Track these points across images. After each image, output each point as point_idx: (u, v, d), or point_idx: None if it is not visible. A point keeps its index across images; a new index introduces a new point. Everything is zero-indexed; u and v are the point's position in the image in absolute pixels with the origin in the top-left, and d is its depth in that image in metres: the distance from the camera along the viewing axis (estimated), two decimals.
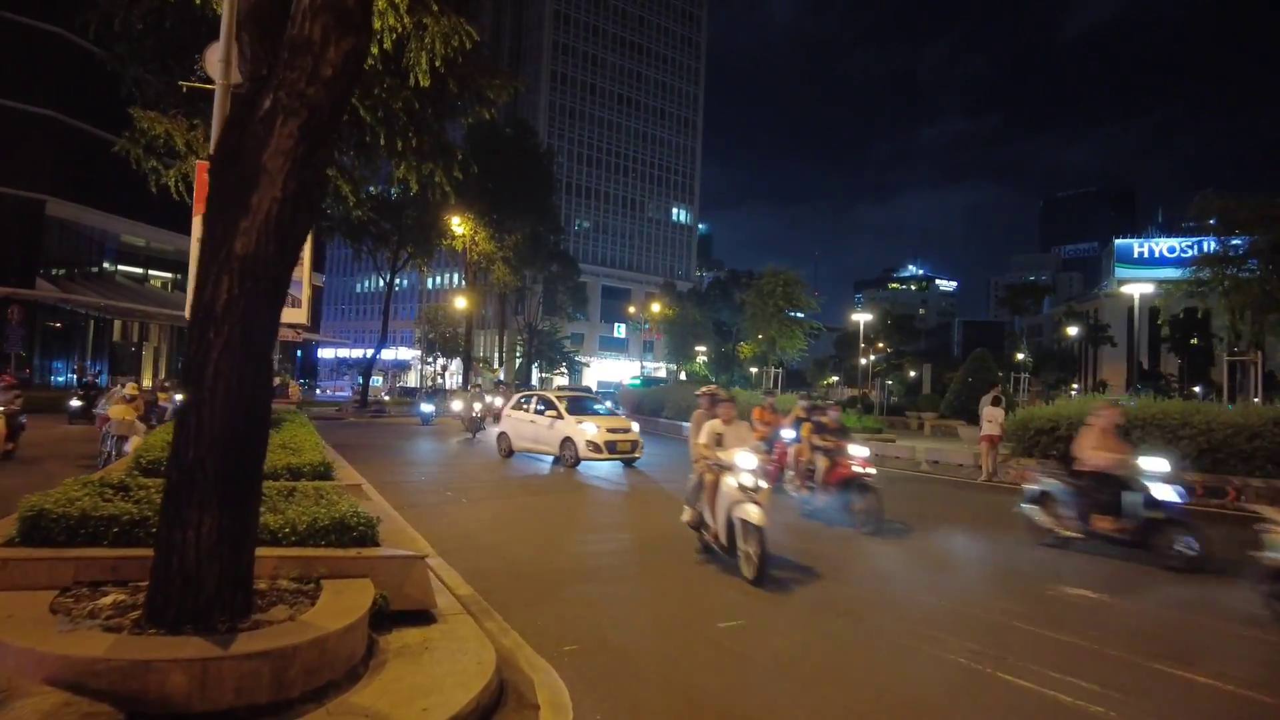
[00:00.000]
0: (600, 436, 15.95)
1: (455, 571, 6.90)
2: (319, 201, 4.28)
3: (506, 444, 17.97)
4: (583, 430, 16.02)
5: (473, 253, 43.56)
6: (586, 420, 16.42)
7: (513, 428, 17.82)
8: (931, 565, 7.96)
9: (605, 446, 15.92)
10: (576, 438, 15.98)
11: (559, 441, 16.37)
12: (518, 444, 17.68)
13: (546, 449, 16.80)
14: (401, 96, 18.53)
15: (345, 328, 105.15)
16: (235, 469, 3.92)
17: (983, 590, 7.04)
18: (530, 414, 17.54)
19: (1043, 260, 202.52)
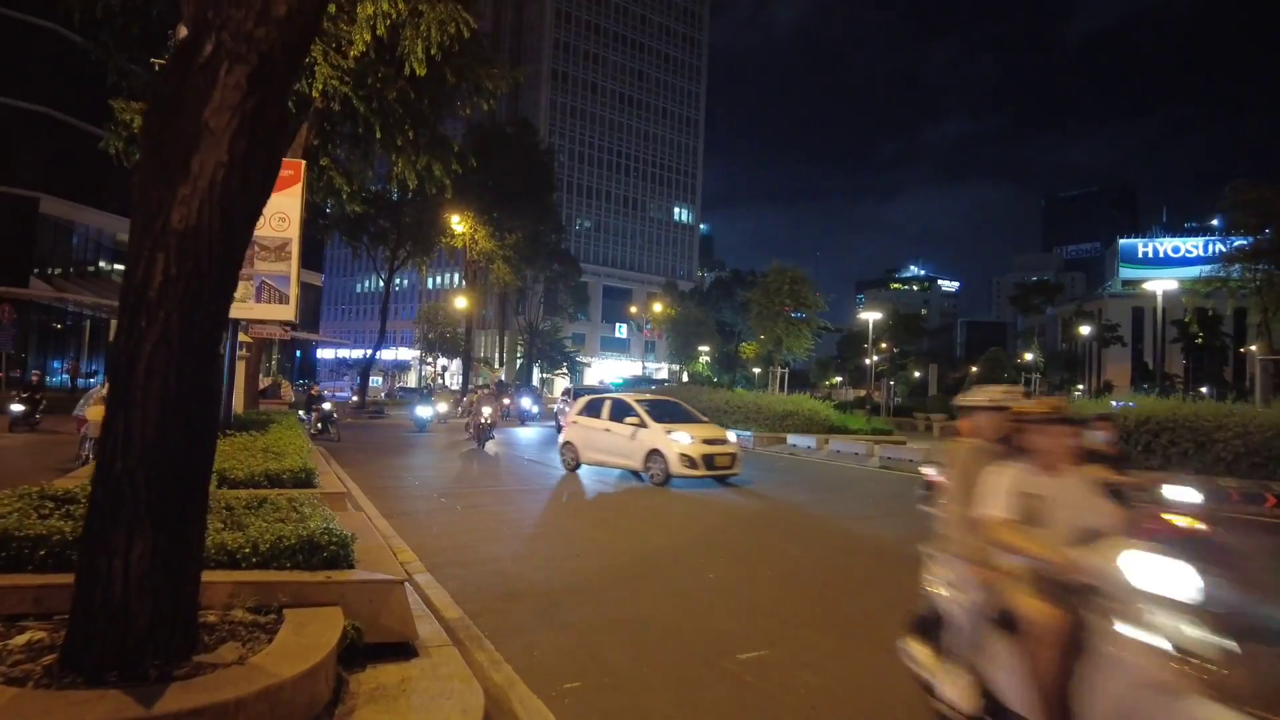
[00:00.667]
0: (696, 449, 13.52)
1: (444, 591, 6.28)
2: (274, 168, 3.66)
3: (572, 456, 15.53)
4: (675, 441, 13.62)
5: (472, 251, 42.99)
6: (678, 429, 13.94)
7: (582, 437, 15.42)
8: None
9: (702, 461, 13.45)
10: (667, 450, 13.56)
11: (643, 454, 13.98)
12: (588, 455, 15.25)
13: (625, 462, 14.47)
14: (397, 87, 17.97)
15: (345, 328, 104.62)
16: (173, 483, 3.30)
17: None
18: (603, 421, 15.09)
19: (1045, 260, 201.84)
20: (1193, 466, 12.36)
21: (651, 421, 14.21)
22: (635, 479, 14.45)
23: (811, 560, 8.36)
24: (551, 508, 11.73)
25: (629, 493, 13.19)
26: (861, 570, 7.99)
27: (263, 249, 12.64)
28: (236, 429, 12.30)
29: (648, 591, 6.59)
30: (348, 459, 16.18)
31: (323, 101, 17.20)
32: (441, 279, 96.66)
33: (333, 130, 19.19)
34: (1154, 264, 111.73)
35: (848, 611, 6.27)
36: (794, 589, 7.01)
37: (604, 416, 15.16)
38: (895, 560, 7.78)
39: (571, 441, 15.61)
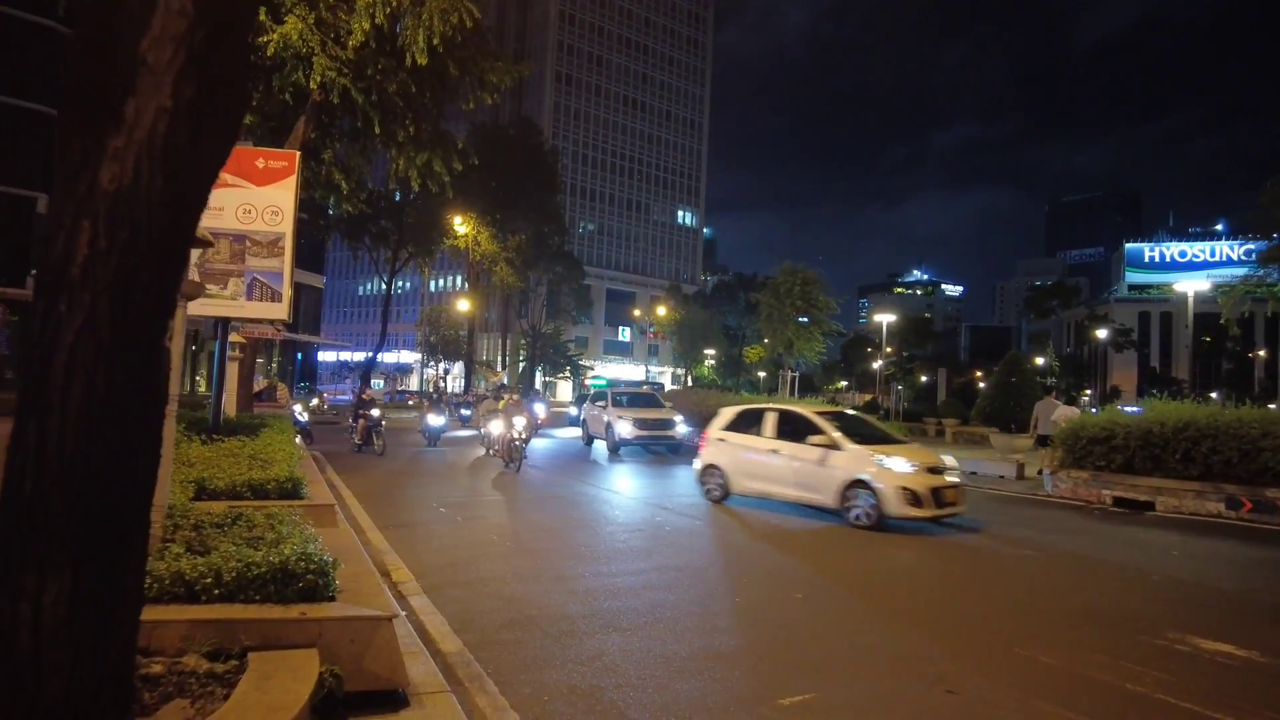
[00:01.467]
0: (920, 480, 9.84)
1: (442, 617, 5.62)
2: (234, 119, 3.00)
3: (718, 484, 11.98)
4: (890, 469, 9.96)
5: (475, 253, 42.36)
6: (893, 454, 10.32)
7: (733, 459, 11.89)
8: None
9: (930, 497, 9.75)
10: (880, 481, 9.88)
11: (839, 486, 10.22)
12: (744, 484, 11.70)
13: (808, 496, 10.73)
14: (397, 79, 17.36)
15: (347, 330, 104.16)
16: (101, 507, 2.64)
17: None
18: (767, 439, 11.49)
19: (1049, 265, 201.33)
20: (1237, 476, 11.69)
21: (849, 441, 10.63)
22: (816, 516, 10.77)
23: None
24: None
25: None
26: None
27: (255, 244, 12.06)
28: (226, 433, 11.67)
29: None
30: (352, 481, 15.55)
31: (321, 94, 16.61)
32: (444, 282, 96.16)
33: (332, 124, 18.58)
34: (1161, 268, 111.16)
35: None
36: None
37: (768, 433, 11.56)
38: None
39: (717, 466, 12.04)
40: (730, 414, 12.83)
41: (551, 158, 52.34)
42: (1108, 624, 6.07)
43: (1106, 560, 8.69)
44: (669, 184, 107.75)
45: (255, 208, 11.97)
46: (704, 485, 12.33)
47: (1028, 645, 5.36)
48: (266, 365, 43.85)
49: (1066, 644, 5.47)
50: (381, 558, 7.47)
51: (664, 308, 73.29)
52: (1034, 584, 7.60)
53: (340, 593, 4.02)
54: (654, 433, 20.35)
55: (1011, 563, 8.63)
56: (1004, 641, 5.49)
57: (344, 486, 12.13)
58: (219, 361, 11.72)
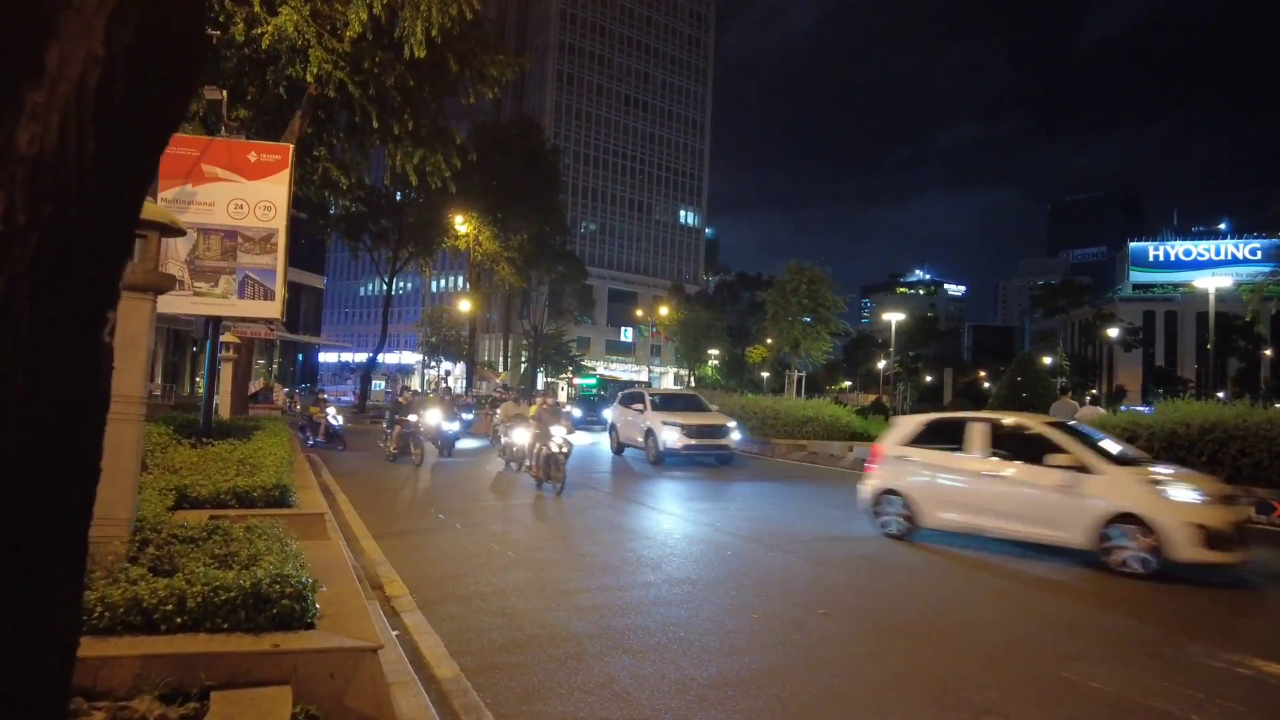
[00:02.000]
0: (1217, 514, 7.50)
1: (437, 637, 5.19)
2: (188, 74, 2.55)
3: (901, 513, 9.44)
4: (1174, 501, 7.66)
5: (476, 253, 41.95)
6: (1178, 481, 7.97)
7: (926, 485, 9.37)
8: None
9: (1232, 534, 7.49)
10: (1163, 516, 7.54)
11: (1094, 521, 7.87)
12: (938, 515, 9.18)
13: (1047, 533, 8.33)
14: (395, 72, 16.94)
15: (348, 331, 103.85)
16: (23, 532, 2.22)
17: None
18: (978, 459, 8.99)
19: (1051, 265, 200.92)
20: (1268, 479, 11.26)
21: (1105, 462, 8.20)
22: (1048, 556, 8.41)
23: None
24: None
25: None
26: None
27: (247, 240, 11.63)
28: (219, 437, 11.27)
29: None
30: (339, 466, 15.11)
31: (317, 88, 16.20)
32: (445, 282, 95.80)
33: (328, 119, 18.16)
34: (1165, 267, 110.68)
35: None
36: None
37: (977, 450, 9.03)
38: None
39: (899, 491, 9.51)
40: (914, 425, 10.19)
41: (553, 156, 51.87)
42: (1155, 644, 5.63)
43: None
44: (671, 183, 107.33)
45: (247, 203, 11.55)
46: (878, 516, 9.71)
47: (1074, 667, 4.93)
48: (267, 366, 43.52)
49: (1118, 664, 5.03)
50: (375, 569, 7.05)
51: (666, 308, 72.86)
52: (1066, 601, 7.14)
53: (321, 618, 3.59)
54: (706, 442, 17.63)
55: (1043, 578, 8.15)
56: (1049, 662, 5.05)
57: (340, 492, 11.70)
58: (209, 362, 11.30)
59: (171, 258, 11.33)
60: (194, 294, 11.24)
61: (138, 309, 4.09)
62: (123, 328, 4.09)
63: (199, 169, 11.32)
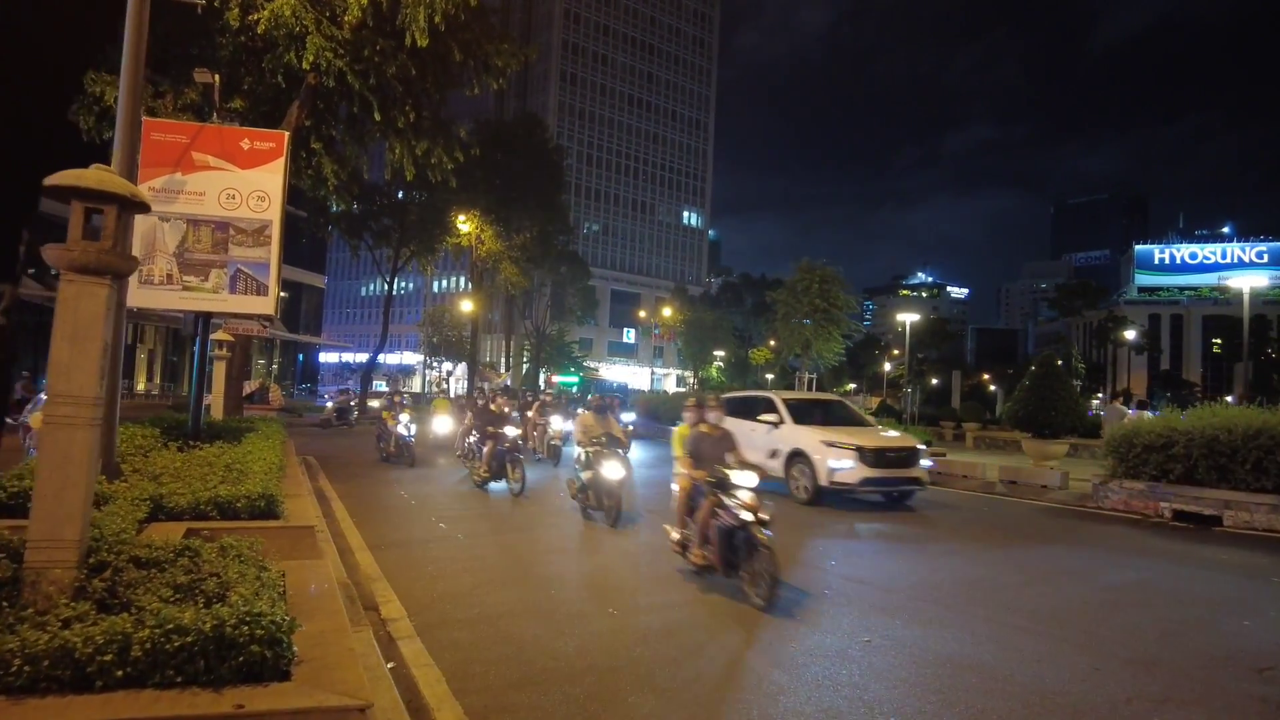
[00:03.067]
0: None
1: (439, 671, 4.58)
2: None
3: None
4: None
5: (479, 252, 41.37)
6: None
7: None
8: None
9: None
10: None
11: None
12: None
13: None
14: (397, 62, 16.33)
15: (349, 331, 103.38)
16: None
17: None
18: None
19: (1054, 268, 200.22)
20: None
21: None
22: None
23: None
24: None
25: None
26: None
27: (239, 232, 11.04)
28: (208, 439, 10.67)
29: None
30: (338, 471, 14.49)
31: (316, 78, 15.61)
32: (447, 282, 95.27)
33: (327, 110, 17.57)
34: (1171, 270, 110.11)
35: None
36: None
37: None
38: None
39: None
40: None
41: (557, 155, 51.26)
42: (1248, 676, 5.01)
43: (1200, 589, 7.61)
44: (674, 184, 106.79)
45: (239, 192, 10.96)
46: None
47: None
48: (266, 366, 42.97)
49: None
50: (370, 586, 6.45)
51: (670, 309, 72.23)
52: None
53: (300, 664, 2.99)
54: (896, 473, 11.95)
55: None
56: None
57: (337, 499, 11.09)
58: (198, 360, 10.71)
59: (160, 250, 10.76)
60: (183, 288, 10.64)
61: (91, 294, 3.49)
62: (73, 317, 3.50)
63: (188, 157, 10.74)
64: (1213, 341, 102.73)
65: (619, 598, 6.56)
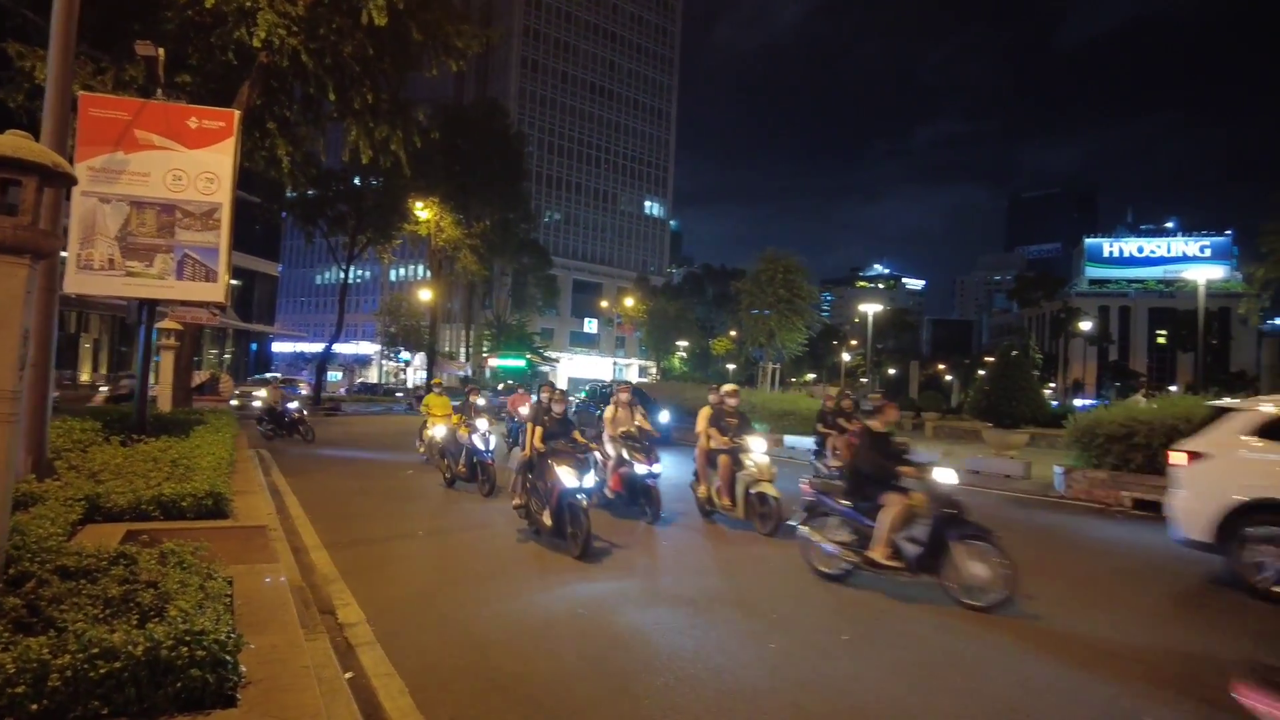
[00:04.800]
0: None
1: (401, 681, 4.30)
2: None
3: None
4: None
5: (437, 240, 40.61)
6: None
7: None
8: None
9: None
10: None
11: None
12: None
13: None
14: (354, 40, 15.76)
15: (304, 320, 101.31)
16: None
17: None
18: None
19: (1008, 260, 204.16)
20: None
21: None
22: None
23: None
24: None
25: None
26: None
27: (186, 216, 10.51)
28: (155, 433, 10.18)
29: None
30: (291, 464, 13.98)
31: (269, 56, 14.98)
32: (405, 271, 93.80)
33: (280, 89, 16.91)
34: (1119, 263, 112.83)
35: None
36: None
37: None
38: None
39: None
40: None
41: (517, 142, 50.56)
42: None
43: (1176, 577, 7.64)
44: (636, 173, 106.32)
45: (187, 174, 10.43)
46: None
47: None
48: (218, 356, 41.79)
49: None
50: (328, 588, 6.11)
51: (632, 299, 71.94)
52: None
53: (248, 686, 2.70)
54: None
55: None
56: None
57: (290, 494, 10.65)
58: (142, 350, 10.18)
59: (100, 234, 10.18)
60: (126, 274, 10.10)
61: (7, 275, 3.13)
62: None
63: (131, 134, 10.16)
64: (1158, 333, 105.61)
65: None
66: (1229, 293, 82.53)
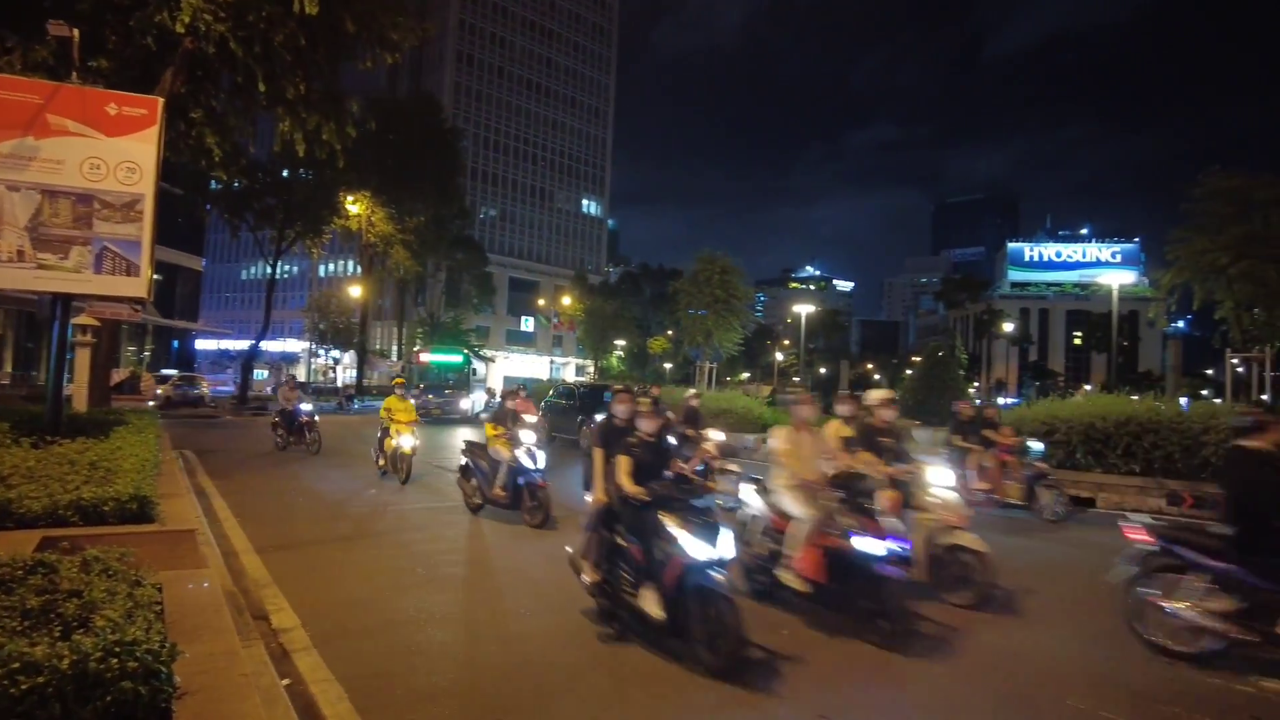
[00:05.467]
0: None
1: (340, 687, 4.20)
2: None
3: None
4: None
5: (369, 235, 39.69)
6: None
7: None
8: None
9: None
10: None
11: None
12: None
13: None
14: (285, 29, 15.29)
15: (229, 317, 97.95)
16: None
17: None
18: None
19: (934, 263, 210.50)
20: (1179, 472, 11.43)
21: None
22: None
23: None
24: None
25: None
26: None
27: (105, 206, 10.01)
28: (70, 434, 9.67)
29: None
30: (219, 464, 13.49)
31: (193, 41, 14.40)
32: (335, 266, 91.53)
33: (207, 77, 16.28)
34: (1040, 267, 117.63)
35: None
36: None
37: None
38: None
39: None
40: None
41: (452, 137, 49.76)
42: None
43: (1064, 564, 7.99)
44: (573, 171, 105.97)
45: (105, 163, 9.93)
46: None
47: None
48: (137, 353, 40.05)
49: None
50: (260, 593, 5.94)
51: (569, 298, 71.63)
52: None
53: (183, 698, 2.60)
54: None
55: None
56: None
57: (218, 496, 10.29)
58: (56, 347, 9.69)
59: (8, 223, 9.62)
60: (37, 266, 9.57)
61: None
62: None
63: (43, 119, 9.63)
64: (1074, 334, 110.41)
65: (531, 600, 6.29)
66: (1138, 297, 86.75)
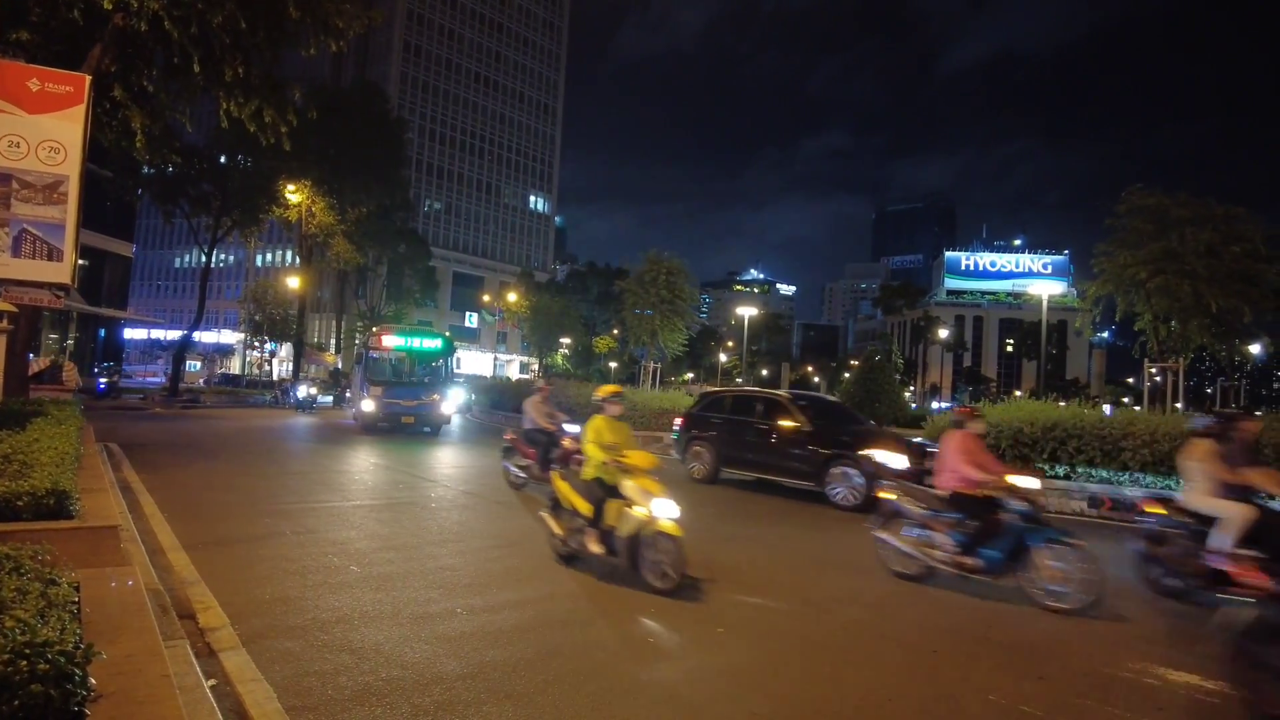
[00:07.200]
0: None
1: (269, 687, 4.11)
2: None
3: None
4: None
5: (309, 225, 38.74)
6: None
7: None
8: None
9: None
10: None
11: None
12: None
13: None
14: (223, 11, 14.82)
15: (160, 306, 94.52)
16: None
17: None
18: None
19: (873, 269, 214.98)
20: (1100, 474, 11.94)
21: None
22: None
23: None
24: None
25: None
26: None
27: (26, 187, 9.62)
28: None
29: None
30: (148, 458, 13.02)
31: (124, 18, 13.86)
32: (272, 255, 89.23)
33: (139, 56, 15.67)
34: (975, 275, 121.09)
35: None
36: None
37: None
38: None
39: None
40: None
41: (397, 127, 48.91)
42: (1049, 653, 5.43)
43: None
44: (521, 167, 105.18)
45: (26, 141, 9.53)
46: None
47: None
48: (60, 342, 38.37)
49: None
50: (186, 591, 5.76)
51: (515, 294, 71.07)
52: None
53: (99, 701, 2.51)
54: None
55: None
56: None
57: (145, 492, 9.93)
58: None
59: None
60: None
61: None
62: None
63: None
64: (1006, 341, 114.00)
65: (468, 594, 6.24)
66: (1066, 307, 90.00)
